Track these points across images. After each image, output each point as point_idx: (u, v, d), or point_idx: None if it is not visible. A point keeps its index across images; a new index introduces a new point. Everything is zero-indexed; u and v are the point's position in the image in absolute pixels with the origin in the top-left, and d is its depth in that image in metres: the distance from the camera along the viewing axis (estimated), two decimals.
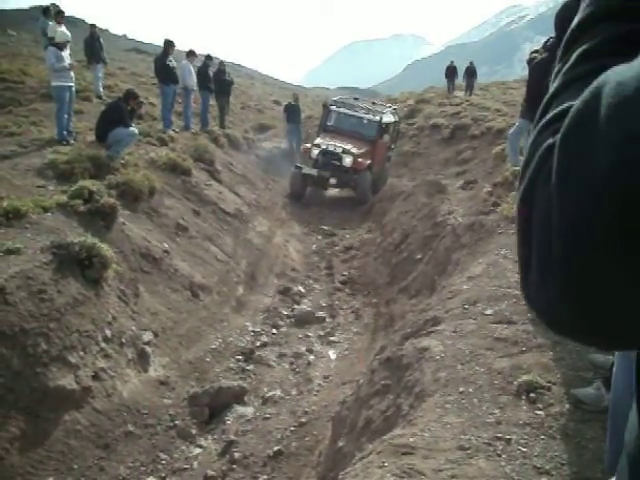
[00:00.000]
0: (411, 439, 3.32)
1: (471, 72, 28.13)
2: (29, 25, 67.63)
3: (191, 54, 15.93)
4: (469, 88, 28.22)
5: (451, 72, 29.15)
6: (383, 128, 18.04)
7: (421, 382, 4.03)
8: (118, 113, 10.61)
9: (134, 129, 10.89)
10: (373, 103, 20.21)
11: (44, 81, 17.36)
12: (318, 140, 17.49)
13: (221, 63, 18.05)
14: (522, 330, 4.59)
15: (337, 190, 18.12)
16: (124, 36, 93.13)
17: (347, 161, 16.60)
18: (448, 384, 3.92)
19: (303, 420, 6.27)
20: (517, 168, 9.04)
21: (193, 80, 15.66)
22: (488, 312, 5.01)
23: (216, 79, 17.26)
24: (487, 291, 5.48)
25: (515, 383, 3.82)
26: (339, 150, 16.77)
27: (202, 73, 16.47)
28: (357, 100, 19.89)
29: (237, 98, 27.73)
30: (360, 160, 16.78)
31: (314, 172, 16.46)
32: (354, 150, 16.90)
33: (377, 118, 18.09)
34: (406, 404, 3.96)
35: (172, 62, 14.73)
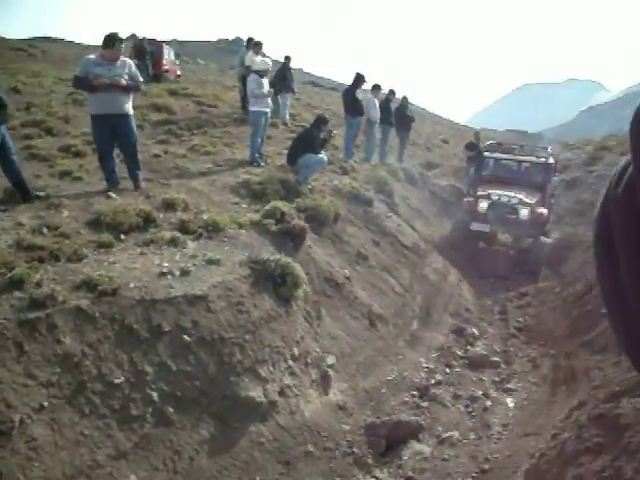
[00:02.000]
0: None
1: None
2: (216, 55, 72.35)
3: (376, 88, 16.21)
4: None
5: None
6: (551, 171, 15.66)
7: None
8: (310, 140, 10.94)
9: (324, 156, 11.18)
10: (521, 146, 17.68)
11: (234, 107, 18.39)
12: (483, 191, 14.98)
13: (404, 98, 18.22)
14: None
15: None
16: (300, 70, 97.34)
17: (524, 213, 14.20)
18: None
19: (485, 467, 5.99)
20: None
21: (377, 113, 15.91)
22: None
23: (397, 114, 17.43)
24: None
25: None
26: (514, 201, 14.35)
27: (384, 107, 16.68)
28: (502, 146, 17.57)
29: None
30: (539, 211, 14.37)
31: (486, 228, 14.20)
32: (528, 199, 14.51)
33: (543, 159, 15.74)
34: (629, 468, 3.64)
35: (359, 95, 15.08)
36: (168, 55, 25.67)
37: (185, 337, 5.66)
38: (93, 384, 4.85)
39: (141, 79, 8.92)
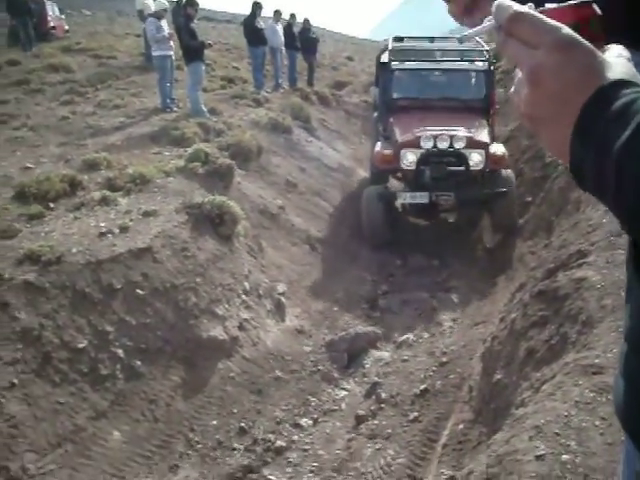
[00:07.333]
0: (596, 360, 3.38)
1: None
2: (101, 3, 68.88)
3: (277, 13, 15.99)
4: None
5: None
6: (493, 79, 10.47)
7: (586, 310, 4.05)
8: (179, 29, 11.75)
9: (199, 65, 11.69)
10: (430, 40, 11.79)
11: (133, 55, 17.85)
12: (405, 135, 9.33)
13: (305, 21, 17.98)
14: None
15: None
16: None
17: (476, 159, 9.15)
18: (616, 310, 3.92)
19: (444, 360, 6.38)
20: None
21: (280, 40, 15.74)
22: None
23: (302, 37, 17.25)
24: None
25: None
26: (460, 144, 9.06)
27: (287, 32, 16.50)
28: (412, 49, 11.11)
29: None
30: (497, 153, 9.34)
31: (424, 199, 9.06)
32: (478, 136, 9.31)
33: (484, 65, 10.12)
34: (573, 332, 3.99)
35: (260, 24, 14.86)
36: (52, 11, 24.30)
37: (138, 291, 5.74)
38: (58, 353, 4.91)
39: None
